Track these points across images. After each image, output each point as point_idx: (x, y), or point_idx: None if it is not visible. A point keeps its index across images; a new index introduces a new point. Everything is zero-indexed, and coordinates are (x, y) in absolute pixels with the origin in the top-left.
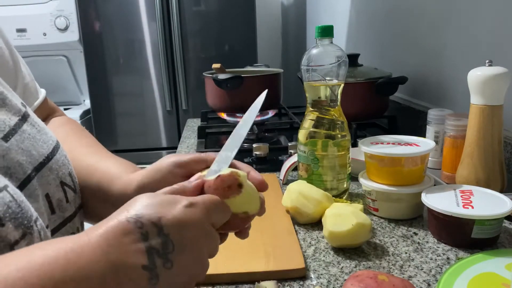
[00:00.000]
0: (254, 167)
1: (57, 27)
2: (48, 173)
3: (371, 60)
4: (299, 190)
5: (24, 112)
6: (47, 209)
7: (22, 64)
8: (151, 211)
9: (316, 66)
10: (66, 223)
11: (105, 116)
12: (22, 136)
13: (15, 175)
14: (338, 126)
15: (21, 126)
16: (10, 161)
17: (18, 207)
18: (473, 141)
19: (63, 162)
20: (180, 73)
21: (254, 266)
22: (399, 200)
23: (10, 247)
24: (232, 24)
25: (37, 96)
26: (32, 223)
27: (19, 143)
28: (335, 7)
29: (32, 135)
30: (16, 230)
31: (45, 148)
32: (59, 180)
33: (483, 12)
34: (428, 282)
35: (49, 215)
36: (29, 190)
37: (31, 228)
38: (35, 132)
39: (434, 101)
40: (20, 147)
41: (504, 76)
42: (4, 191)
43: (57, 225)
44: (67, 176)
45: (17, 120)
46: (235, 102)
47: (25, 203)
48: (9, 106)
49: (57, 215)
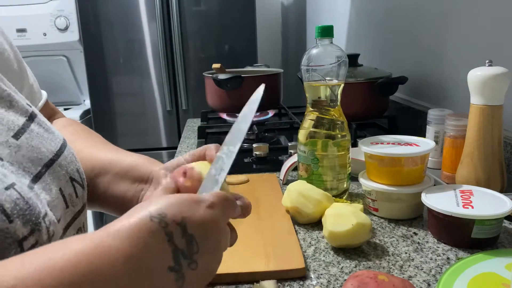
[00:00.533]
0: (254, 167)
1: (57, 27)
2: (59, 169)
3: (371, 60)
4: (299, 190)
5: (31, 112)
6: (62, 203)
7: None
8: (174, 211)
9: (316, 66)
10: (75, 218)
11: (105, 116)
12: (31, 135)
13: (28, 170)
14: (338, 126)
15: (29, 126)
16: (22, 158)
17: (26, 204)
18: (473, 141)
19: (71, 159)
20: (180, 73)
21: (254, 266)
22: (399, 200)
23: (19, 243)
24: (232, 24)
25: (40, 97)
26: (40, 219)
27: (29, 141)
28: (335, 7)
29: (40, 134)
30: (24, 226)
31: (53, 146)
32: (69, 176)
33: (483, 12)
34: (428, 282)
35: (64, 209)
36: (43, 184)
37: (39, 224)
38: (42, 131)
39: (434, 101)
40: (30, 144)
41: (504, 76)
42: (12, 188)
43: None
44: (75, 173)
45: (25, 120)
46: (235, 102)
47: (32, 200)
48: (16, 108)
49: (70, 210)
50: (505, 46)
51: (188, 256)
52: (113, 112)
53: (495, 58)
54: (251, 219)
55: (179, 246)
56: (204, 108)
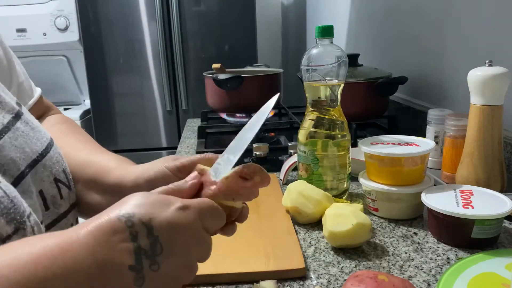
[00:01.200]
0: None
1: (57, 27)
2: (42, 169)
3: (371, 60)
4: (299, 190)
5: (18, 111)
6: (41, 206)
7: (17, 63)
8: (143, 211)
9: (316, 66)
10: (60, 219)
11: (105, 116)
12: (15, 134)
13: (9, 172)
14: (338, 126)
15: (14, 124)
16: (4, 158)
17: (11, 203)
18: (473, 141)
19: (57, 159)
20: (180, 73)
21: (254, 266)
22: (399, 200)
23: (2, 242)
24: (232, 24)
25: (32, 95)
26: (25, 218)
27: (12, 141)
28: (335, 7)
29: (26, 133)
30: (8, 225)
31: (38, 146)
32: (53, 176)
33: (483, 12)
34: (428, 282)
35: (43, 212)
36: (23, 187)
37: (24, 223)
38: (28, 130)
39: (434, 101)
40: (14, 144)
41: (504, 76)
42: None
43: (51, 221)
44: (61, 173)
45: (11, 118)
46: (235, 102)
47: (17, 199)
48: (2, 104)
49: (51, 211)
50: (505, 46)
51: (151, 256)
52: (113, 112)
53: (495, 58)
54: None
55: (142, 246)
56: (204, 108)
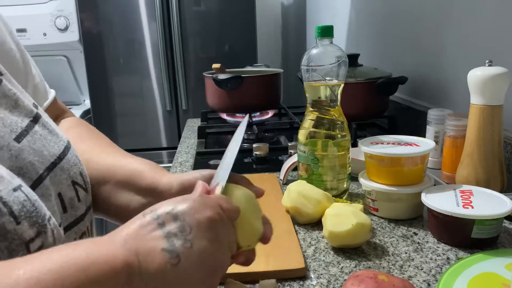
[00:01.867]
0: (254, 167)
1: (57, 27)
2: (60, 172)
3: (371, 60)
4: (299, 190)
5: (36, 113)
6: (60, 208)
7: (33, 65)
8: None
9: (316, 66)
10: (78, 222)
11: (105, 116)
12: (33, 137)
13: (28, 175)
14: (338, 126)
15: (32, 127)
16: (23, 162)
17: (32, 206)
18: (473, 141)
19: (74, 162)
20: (180, 73)
21: (254, 266)
22: (399, 200)
23: (26, 245)
24: (232, 24)
25: (46, 97)
26: (46, 221)
27: (31, 144)
28: (335, 7)
29: (44, 136)
30: (31, 228)
31: (56, 149)
32: (71, 179)
33: (483, 12)
34: (428, 282)
35: (62, 214)
36: (42, 190)
37: (45, 226)
38: (46, 133)
39: (434, 101)
40: (32, 147)
41: (504, 76)
42: (19, 190)
43: (69, 223)
44: (78, 176)
45: (29, 121)
46: (235, 102)
47: (38, 202)
48: (21, 107)
49: (69, 214)
50: (505, 46)
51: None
52: (113, 112)
53: (495, 58)
54: None
55: (171, 230)
56: (204, 108)
